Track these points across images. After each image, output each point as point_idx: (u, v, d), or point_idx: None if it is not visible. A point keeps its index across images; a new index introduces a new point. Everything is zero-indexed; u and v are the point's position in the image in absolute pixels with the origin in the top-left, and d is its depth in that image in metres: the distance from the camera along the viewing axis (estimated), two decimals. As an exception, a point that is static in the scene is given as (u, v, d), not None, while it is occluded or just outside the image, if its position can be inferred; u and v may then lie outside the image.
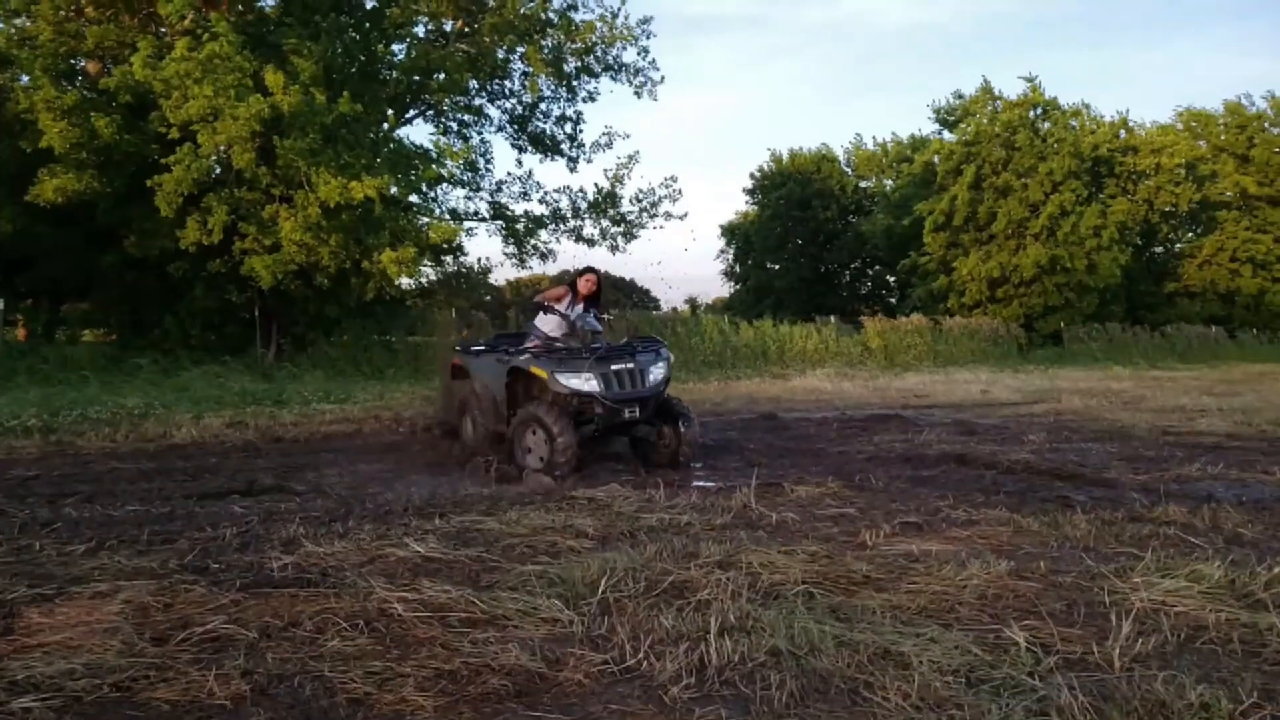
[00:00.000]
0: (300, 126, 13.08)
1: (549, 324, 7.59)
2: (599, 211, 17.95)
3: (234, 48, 12.96)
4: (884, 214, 35.97)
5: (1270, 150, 38.37)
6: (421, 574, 4.04)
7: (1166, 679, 2.73)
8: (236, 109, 12.62)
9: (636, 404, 7.02)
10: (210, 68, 12.68)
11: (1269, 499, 5.92)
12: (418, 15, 15.90)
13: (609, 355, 7.08)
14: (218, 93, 12.59)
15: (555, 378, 6.91)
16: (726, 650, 3.03)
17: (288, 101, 12.92)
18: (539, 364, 7.04)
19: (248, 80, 13.06)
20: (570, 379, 6.87)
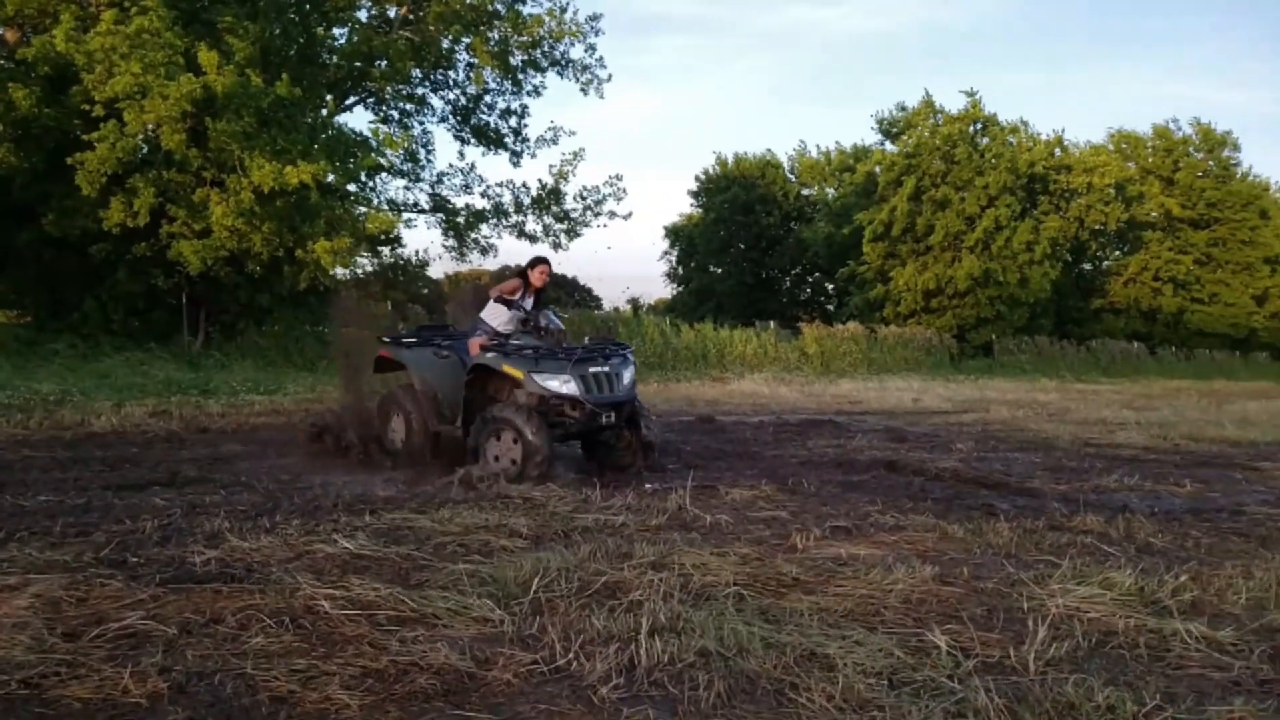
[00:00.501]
0: (234, 108, 12.74)
1: (498, 318, 7.11)
2: (542, 207, 17.86)
3: (164, 23, 12.55)
4: (825, 222, 36.52)
5: (1193, 174, 40.00)
6: (350, 571, 3.98)
7: (1077, 682, 2.83)
8: (166, 88, 12.21)
9: (613, 409, 6.76)
10: (138, 43, 12.24)
11: (1179, 510, 6.16)
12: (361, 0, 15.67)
13: (585, 357, 6.73)
14: (146, 70, 12.15)
15: (532, 378, 6.52)
16: (656, 651, 3.05)
17: (221, 82, 12.57)
18: (512, 362, 6.63)
19: (179, 58, 12.66)
20: (549, 380, 6.50)
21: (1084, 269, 39.72)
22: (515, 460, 6.44)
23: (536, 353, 6.68)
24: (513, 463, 6.44)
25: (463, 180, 18.15)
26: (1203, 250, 39.49)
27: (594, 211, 18.25)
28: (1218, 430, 12.07)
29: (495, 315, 7.14)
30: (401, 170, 16.99)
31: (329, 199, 14.15)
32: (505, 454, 6.50)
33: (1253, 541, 5.17)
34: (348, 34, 15.90)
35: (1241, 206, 39.80)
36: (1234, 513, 6.11)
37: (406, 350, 7.46)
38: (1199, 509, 6.23)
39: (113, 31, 12.38)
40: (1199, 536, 5.25)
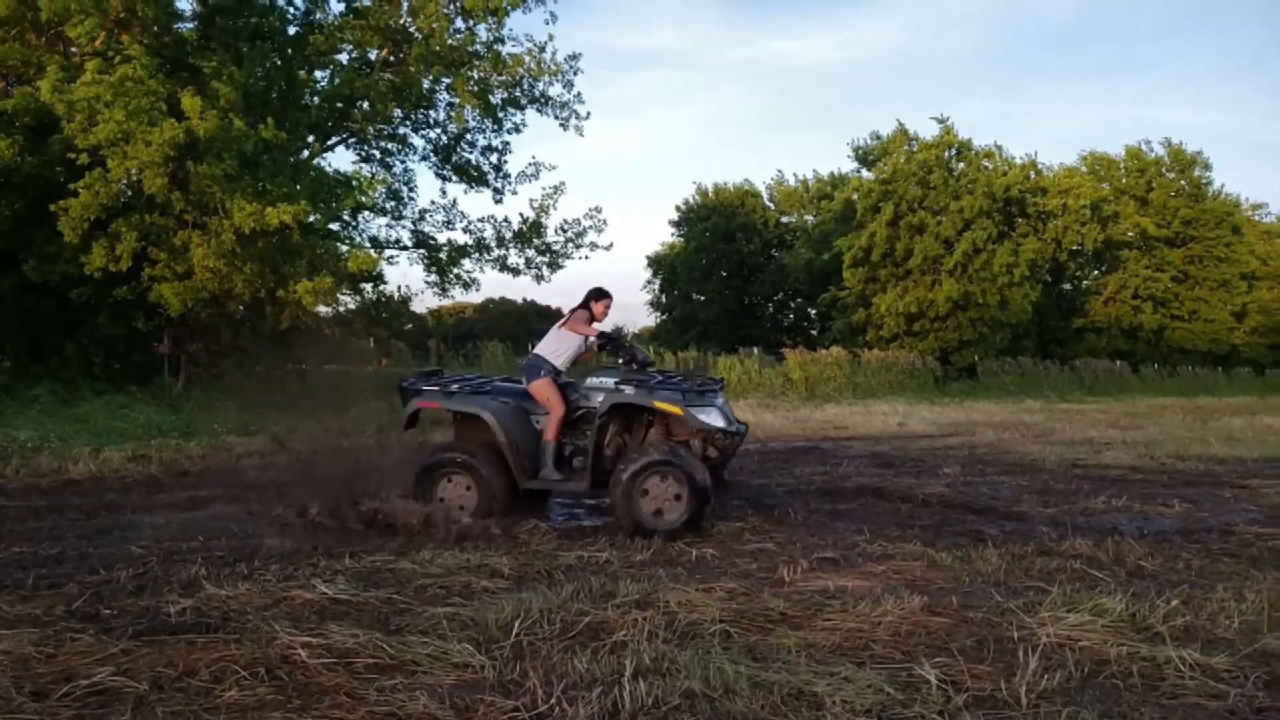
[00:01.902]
0: (216, 152, 12.72)
1: (563, 353, 6.38)
2: (524, 241, 17.86)
3: (147, 71, 12.56)
4: (805, 248, 36.70)
5: (1167, 194, 40.53)
6: (328, 617, 3.90)
7: (1070, 715, 2.78)
8: (149, 133, 12.19)
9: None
10: (122, 91, 12.23)
11: (1169, 531, 6.14)
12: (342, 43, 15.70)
13: (711, 388, 6.26)
14: (129, 116, 12.14)
15: (691, 413, 5.89)
16: (640, 694, 2.98)
17: (204, 126, 12.56)
18: (661, 397, 5.97)
19: (161, 104, 12.66)
20: (703, 414, 5.92)
21: (1064, 289, 40.02)
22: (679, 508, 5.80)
23: (671, 385, 6.15)
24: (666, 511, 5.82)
25: (444, 217, 18.19)
26: (1180, 268, 39.90)
27: (575, 243, 18.28)
28: (1204, 448, 12.09)
29: (559, 349, 6.40)
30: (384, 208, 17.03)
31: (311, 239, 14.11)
32: (659, 499, 5.82)
33: (1244, 562, 5.15)
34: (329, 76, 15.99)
35: (1215, 224, 40.28)
36: (1224, 533, 6.10)
37: (471, 398, 6.24)
38: (1189, 529, 6.21)
39: (97, 80, 12.39)
40: (1189, 558, 5.22)
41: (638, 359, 6.37)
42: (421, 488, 6.03)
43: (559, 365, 6.34)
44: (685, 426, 6.09)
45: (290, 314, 14.11)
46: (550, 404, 6.11)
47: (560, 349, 6.39)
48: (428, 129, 18.07)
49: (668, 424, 6.23)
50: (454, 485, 6.05)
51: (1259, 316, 42.11)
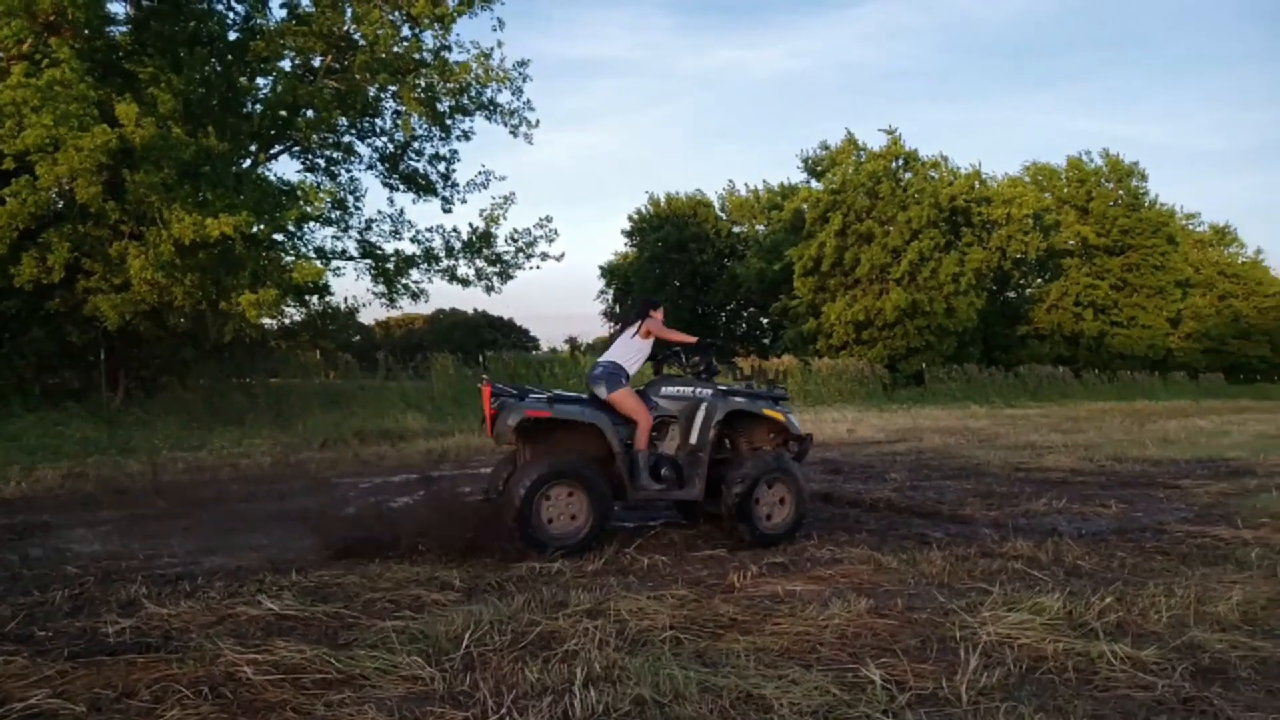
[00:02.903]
0: (153, 160, 12.45)
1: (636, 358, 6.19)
2: (473, 251, 17.75)
3: (77, 75, 12.25)
4: (756, 258, 37.05)
5: (1106, 203, 41.75)
6: (274, 633, 3.84)
7: (1008, 710, 2.85)
8: (80, 140, 11.90)
9: None
10: (50, 95, 11.89)
11: (1105, 531, 6.32)
12: (284, 50, 15.47)
13: (778, 396, 6.36)
14: (58, 122, 11.80)
15: (792, 421, 6.08)
16: (591, 701, 2.99)
17: (140, 134, 12.29)
18: (766, 406, 6.11)
19: (93, 110, 12.35)
20: (796, 421, 6.20)
21: (1008, 297, 40.94)
22: (787, 513, 5.93)
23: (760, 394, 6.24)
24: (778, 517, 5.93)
25: (392, 226, 18.00)
26: (1118, 275, 41.10)
27: (526, 253, 18.22)
28: (1140, 450, 12.45)
29: (634, 357, 6.17)
30: (329, 218, 16.78)
31: (254, 250, 13.88)
32: (767, 506, 5.91)
33: (1174, 559, 5.32)
34: (272, 84, 15.74)
35: (1151, 233, 41.58)
36: (1156, 531, 6.29)
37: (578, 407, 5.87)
38: (1124, 529, 6.39)
39: (23, 84, 12.06)
40: (1124, 556, 5.38)
41: (713, 369, 6.37)
42: (526, 504, 5.45)
43: (632, 373, 6.14)
44: (763, 433, 6.21)
45: (233, 326, 13.86)
46: (638, 413, 5.90)
47: (635, 357, 6.18)
48: (374, 137, 17.91)
49: (748, 431, 6.28)
50: (555, 500, 5.58)
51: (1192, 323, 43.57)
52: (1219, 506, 7.43)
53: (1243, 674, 3.28)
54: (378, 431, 13.62)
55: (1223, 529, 6.23)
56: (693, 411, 6.09)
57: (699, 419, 6.04)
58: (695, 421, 6.05)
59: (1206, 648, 3.53)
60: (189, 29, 14.83)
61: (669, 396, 6.15)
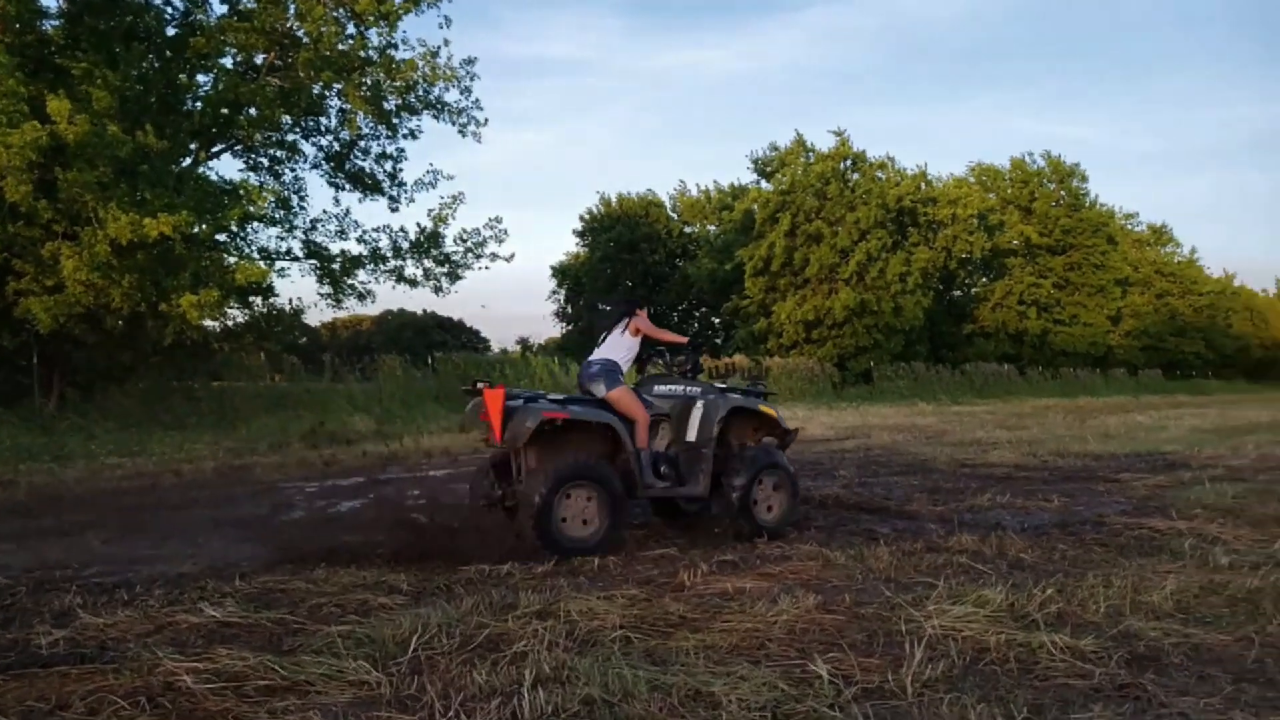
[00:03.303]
0: (87, 158, 12.09)
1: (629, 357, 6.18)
2: (421, 252, 17.53)
3: (6, 70, 11.85)
4: (708, 258, 37.24)
5: (1048, 204, 42.76)
6: (216, 641, 3.75)
7: (951, 701, 2.89)
8: (9, 136, 11.51)
9: None
10: (-25, 90, 11.52)
11: (1047, 525, 6.46)
12: (225, 46, 15.12)
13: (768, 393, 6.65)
14: (-15, 117, 11.43)
15: (782, 416, 6.29)
16: (540, 702, 2.97)
17: (73, 131, 11.93)
18: (764, 403, 6.32)
19: (23, 106, 11.95)
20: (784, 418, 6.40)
21: (954, 296, 41.70)
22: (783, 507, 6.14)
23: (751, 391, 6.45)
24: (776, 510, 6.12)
25: (338, 226, 17.67)
26: (1061, 274, 42.11)
27: (475, 254, 18.04)
28: (1082, 445, 12.77)
29: (626, 355, 6.14)
30: (274, 218, 16.43)
31: (195, 250, 13.55)
32: (764, 501, 6.09)
33: (1113, 551, 5.46)
34: (213, 81, 15.37)
35: (1092, 233, 42.68)
36: (1096, 524, 6.45)
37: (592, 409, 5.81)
38: (1065, 522, 6.54)
39: (-52, 80, 11.65)
40: (1065, 549, 5.50)
41: (698, 368, 6.47)
42: (545, 506, 5.36)
43: (624, 371, 6.12)
44: (750, 428, 6.34)
45: (174, 329, 13.50)
46: (636, 411, 5.85)
47: (627, 355, 6.14)
48: (319, 136, 17.58)
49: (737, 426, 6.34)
50: (574, 501, 5.51)
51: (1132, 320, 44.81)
52: (1155, 499, 7.65)
53: (1175, 660, 3.37)
54: (324, 434, 13.41)
55: (1159, 521, 6.40)
56: (687, 409, 6.14)
57: (696, 416, 6.08)
58: (692, 419, 6.09)
59: (1142, 636, 3.63)
60: (125, 24, 14.42)
61: (660, 395, 6.20)
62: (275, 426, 13.85)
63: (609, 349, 6.10)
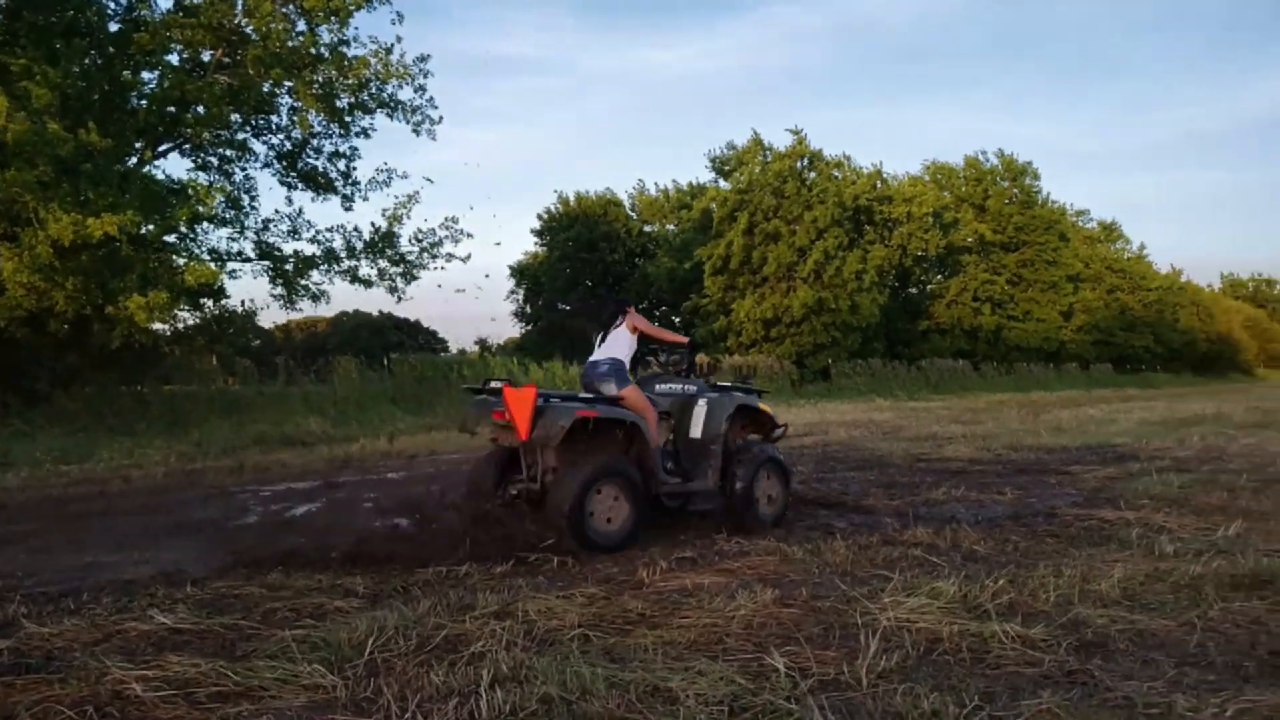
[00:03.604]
0: (27, 157, 11.76)
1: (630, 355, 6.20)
2: (376, 252, 17.31)
3: (-61, 66, 11.52)
4: (667, 257, 37.30)
5: (1002, 201, 43.45)
6: (166, 648, 3.68)
7: (905, 691, 2.94)
8: (-57, 135, 11.19)
9: None
10: (-93, 86, 11.15)
11: (1000, 517, 6.57)
12: (170, 43, 14.78)
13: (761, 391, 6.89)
14: (-82, 115, 11.06)
15: (774, 415, 6.58)
16: (498, 702, 2.97)
17: (12, 129, 11.60)
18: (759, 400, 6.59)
19: (-44, 103, 11.60)
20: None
21: (910, 293, 42.22)
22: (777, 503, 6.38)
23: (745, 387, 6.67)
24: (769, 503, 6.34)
25: (290, 226, 17.39)
26: (1014, 271, 42.82)
27: (431, 254, 17.87)
28: (1035, 439, 13.01)
29: (628, 353, 6.16)
30: (224, 218, 16.12)
31: (143, 251, 13.24)
32: (769, 496, 6.34)
33: (1063, 541, 5.57)
34: (159, 78, 15.03)
35: (1044, 230, 43.46)
36: (1048, 515, 6.57)
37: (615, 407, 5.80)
38: (1018, 514, 6.66)
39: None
40: (1017, 540, 5.60)
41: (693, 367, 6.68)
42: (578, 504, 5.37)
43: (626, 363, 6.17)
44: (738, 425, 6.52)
45: (122, 332, 13.19)
46: (646, 409, 5.88)
47: (629, 352, 6.15)
48: (270, 134, 17.28)
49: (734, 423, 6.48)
50: (603, 498, 5.54)
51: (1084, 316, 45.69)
52: (1105, 490, 7.81)
53: (1121, 646, 3.45)
54: (279, 438, 13.22)
55: (1108, 511, 6.55)
56: (688, 406, 6.29)
57: (700, 413, 6.25)
58: (695, 416, 6.25)
59: (1090, 623, 3.71)
60: (66, 19, 14.04)
61: (661, 393, 6.30)
62: (228, 430, 13.62)
63: (612, 348, 6.10)
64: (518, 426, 5.34)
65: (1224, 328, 60.38)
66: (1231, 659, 3.29)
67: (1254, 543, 5.23)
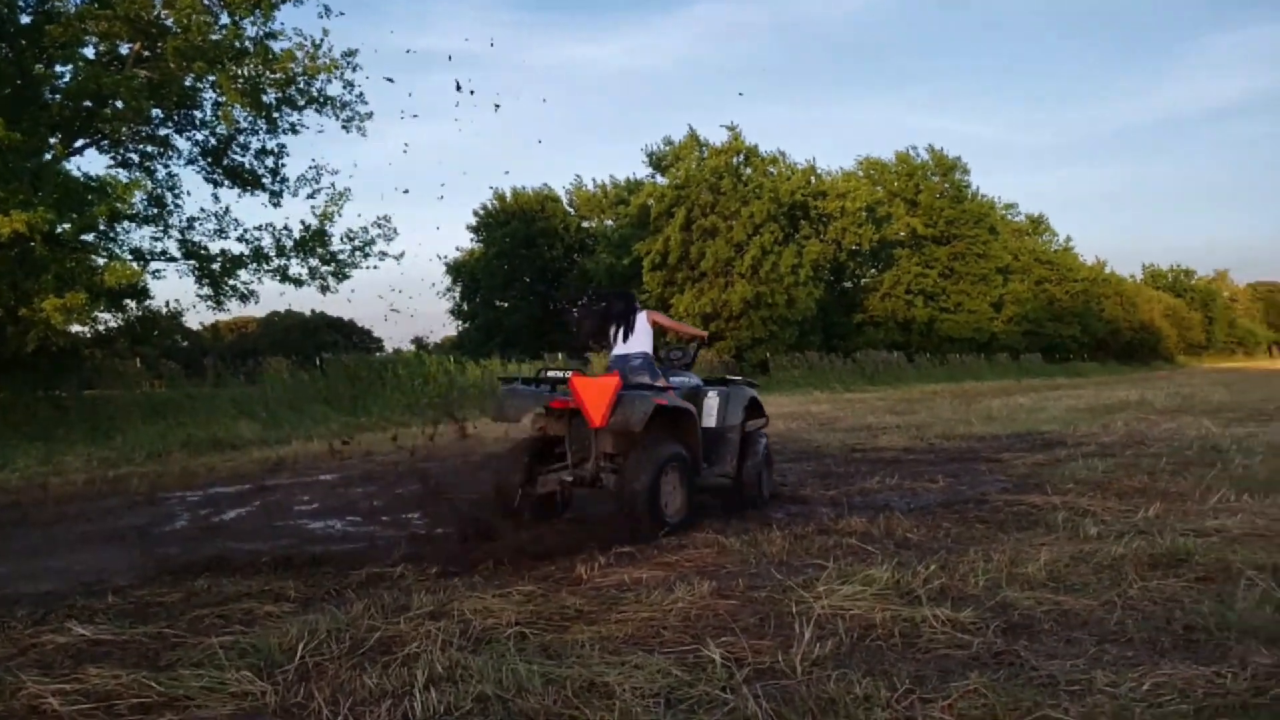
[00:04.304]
0: (-66, 154, 11.25)
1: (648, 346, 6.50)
2: (306, 250, 16.91)
3: None
4: (606, 253, 37.29)
5: (933, 196, 44.36)
6: (86, 660, 3.55)
7: (839, 677, 2.97)
8: None
9: None
10: None
11: (932, 505, 6.71)
12: (86, 35, 14.22)
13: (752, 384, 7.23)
14: None
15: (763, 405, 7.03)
16: (432, 702, 2.93)
17: (-81, 126, 11.09)
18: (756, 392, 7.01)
19: None
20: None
21: (845, 287, 42.88)
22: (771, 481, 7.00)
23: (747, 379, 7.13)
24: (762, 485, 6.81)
25: (217, 225, 16.89)
26: (945, 264, 43.78)
27: (363, 253, 17.53)
28: (967, 427, 13.31)
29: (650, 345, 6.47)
30: (147, 217, 15.58)
31: (59, 251, 12.73)
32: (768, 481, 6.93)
33: (993, 527, 5.70)
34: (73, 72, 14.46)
35: (974, 223, 44.50)
36: (978, 502, 6.72)
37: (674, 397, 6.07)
38: (949, 502, 6.80)
39: None
40: (949, 527, 5.72)
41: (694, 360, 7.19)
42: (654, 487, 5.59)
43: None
44: None
45: (37, 335, 12.67)
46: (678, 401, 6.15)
47: (651, 346, 6.47)
48: (193, 130, 16.76)
49: None
50: (667, 483, 5.74)
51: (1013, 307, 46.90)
52: (1034, 476, 8.02)
53: (1046, 626, 3.55)
54: (207, 441, 12.87)
55: (1036, 496, 6.73)
56: (698, 398, 6.56)
57: (713, 404, 6.57)
58: (708, 406, 6.56)
59: (1017, 605, 3.80)
60: (-28, 10, 13.47)
61: (674, 384, 6.44)
62: (153, 435, 13.21)
63: (638, 342, 6.38)
64: (591, 414, 5.47)
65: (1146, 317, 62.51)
66: (1149, 634, 3.41)
67: (1171, 523, 5.42)
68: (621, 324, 6.45)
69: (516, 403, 5.91)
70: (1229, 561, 4.39)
